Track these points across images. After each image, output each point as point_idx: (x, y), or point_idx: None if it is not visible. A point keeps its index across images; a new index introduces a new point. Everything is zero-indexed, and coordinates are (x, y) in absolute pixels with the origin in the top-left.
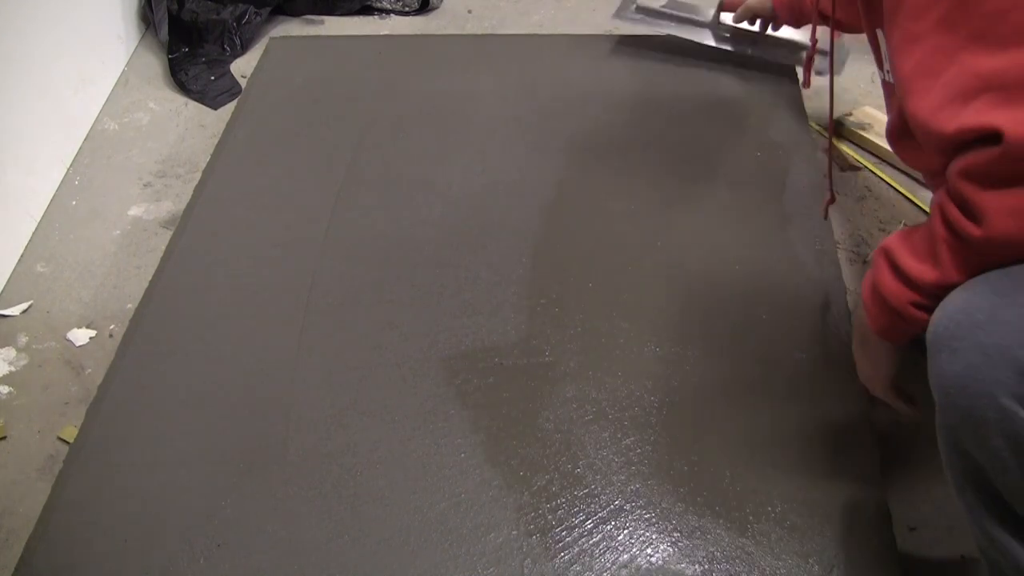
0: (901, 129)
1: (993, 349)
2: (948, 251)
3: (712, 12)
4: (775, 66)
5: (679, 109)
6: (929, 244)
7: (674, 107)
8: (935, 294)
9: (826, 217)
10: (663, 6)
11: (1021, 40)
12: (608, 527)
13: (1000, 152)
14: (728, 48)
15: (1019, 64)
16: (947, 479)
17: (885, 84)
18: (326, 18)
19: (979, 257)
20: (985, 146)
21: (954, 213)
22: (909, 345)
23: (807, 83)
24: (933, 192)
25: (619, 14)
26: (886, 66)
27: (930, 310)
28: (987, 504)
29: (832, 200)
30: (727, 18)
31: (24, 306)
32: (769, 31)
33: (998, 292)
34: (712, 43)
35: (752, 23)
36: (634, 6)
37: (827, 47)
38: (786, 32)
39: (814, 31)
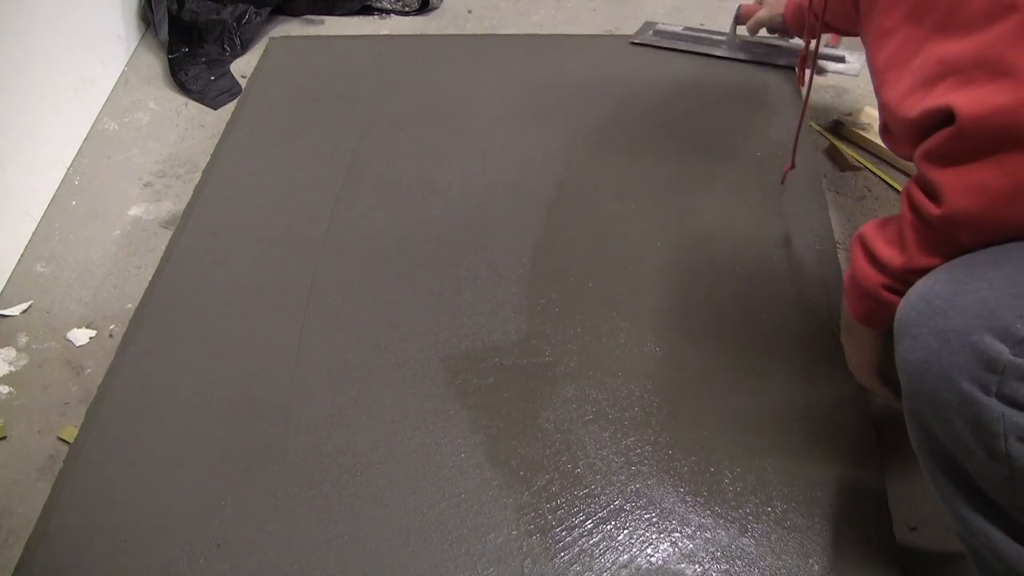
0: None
1: (952, 335)
2: (913, 233)
3: (729, 26)
4: (775, 66)
5: (679, 109)
6: (898, 229)
7: (674, 107)
8: (905, 279)
9: (783, 182)
10: (681, 30)
11: (977, 25)
12: (608, 527)
13: (954, 130)
14: (743, 58)
15: (974, 47)
16: (921, 466)
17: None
18: (326, 18)
19: (941, 238)
20: (944, 127)
21: (917, 195)
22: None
23: (800, 81)
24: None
25: (638, 37)
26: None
27: (903, 294)
28: (959, 489)
29: (791, 166)
30: (741, 31)
31: (24, 306)
32: (784, 41)
33: (957, 279)
34: (727, 55)
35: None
36: (651, 31)
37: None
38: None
39: (807, 35)
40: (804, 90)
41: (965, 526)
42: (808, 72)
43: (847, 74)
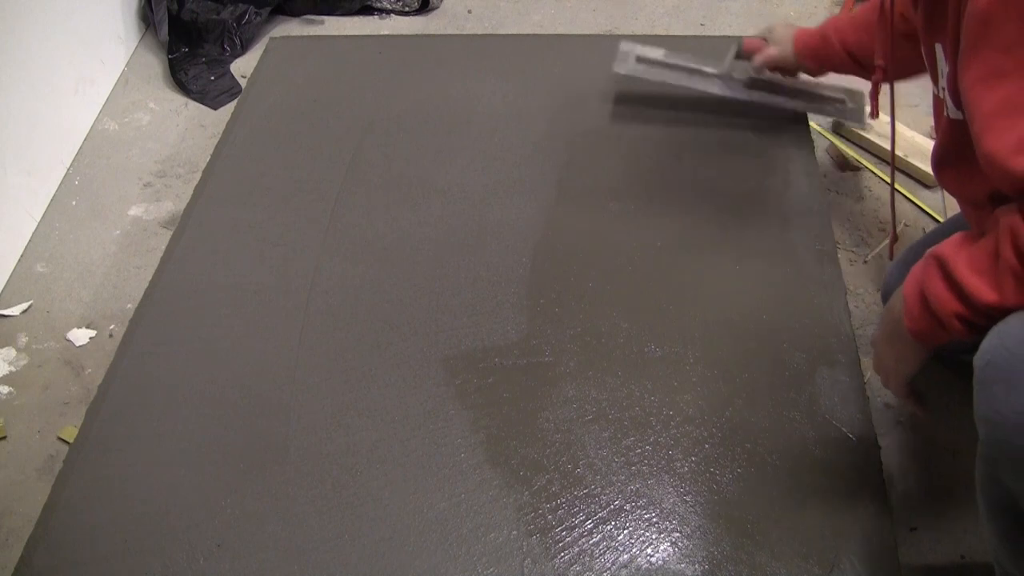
0: (951, 155)
1: None
2: (1012, 278)
3: (727, 60)
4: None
5: (679, 109)
6: (992, 264)
7: (673, 107)
8: (987, 314)
9: (891, 257)
10: (664, 56)
11: None
12: (608, 527)
13: None
14: (742, 98)
15: None
16: (979, 506)
17: (936, 99)
18: (326, 18)
19: None
20: None
21: None
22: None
23: (875, 113)
24: (971, 222)
25: (619, 66)
26: (941, 82)
27: (974, 327)
28: (1020, 536)
29: (895, 239)
30: (739, 65)
31: (24, 306)
32: (784, 79)
33: None
34: (726, 93)
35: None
36: (634, 57)
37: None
38: (806, 79)
39: (879, 57)
40: (889, 144)
41: (1016, 562)
42: (882, 113)
43: (851, 123)
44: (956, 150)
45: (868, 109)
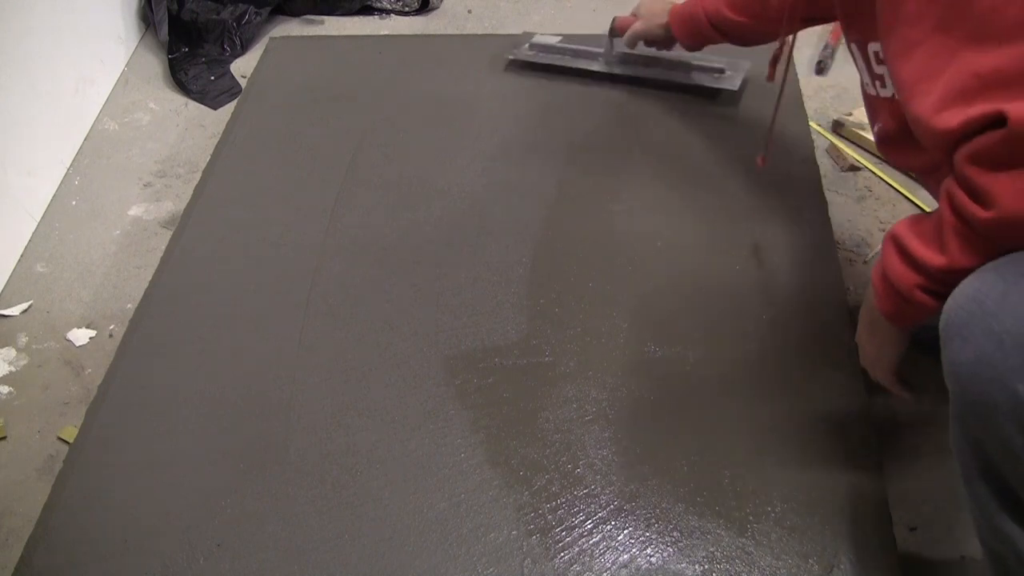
0: (894, 133)
1: (1005, 336)
2: (955, 236)
3: (606, 40)
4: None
5: (679, 109)
6: (937, 229)
7: (673, 107)
8: (942, 279)
9: (758, 170)
10: (558, 42)
11: (1016, 35)
12: (608, 527)
13: (1005, 134)
14: (619, 73)
15: (1016, 58)
16: (957, 470)
17: (867, 96)
18: (326, 18)
19: (986, 241)
20: (991, 130)
21: (961, 198)
22: (911, 341)
23: (771, 77)
24: (928, 188)
25: (514, 52)
26: (865, 78)
27: (937, 295)
28: (997, 495)
29: (764, 160)
30: (619, 45)
31: (24, 306)
32: (662, 52)
33: (1007, 279)
34: (604, 70)
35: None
36: (527, 44)
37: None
38: (681, 52)
39: (785, 29)
40: (778, 88)
41: (994, 532)
42: (782, 69)
43: (727, 88)
44: (895, 129)
45: (743, 76)
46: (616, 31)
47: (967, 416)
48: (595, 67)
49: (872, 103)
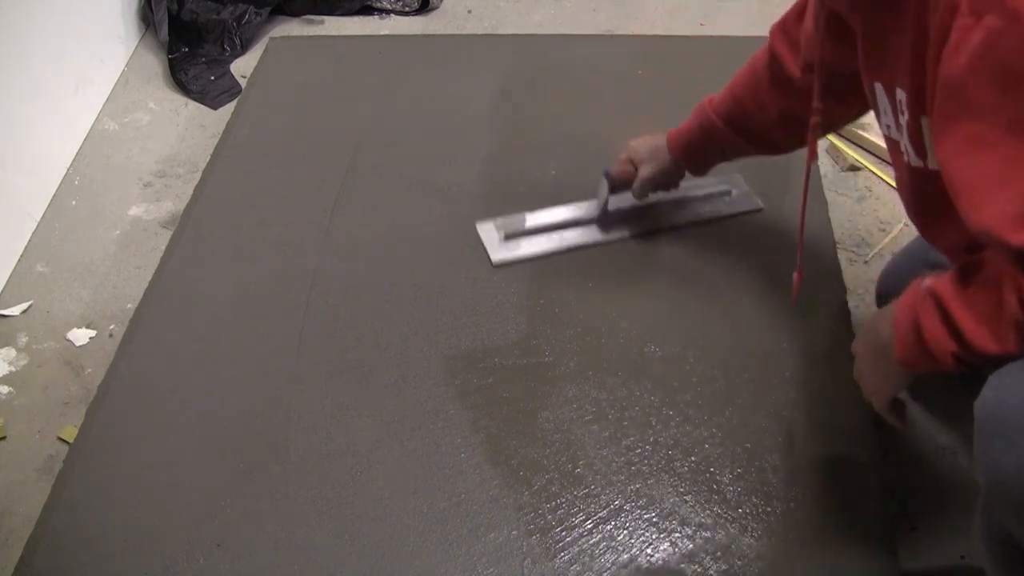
0: (920, 205)
1: None
2: (1016, 333)
3: (600, 200)
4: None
5: (679, 110)
6: (994, 313)
7: (674, 107)
8: (985, 359)
9: (795, 303)
10: (529, 222)
11: None
12: (608, 527)
13: None
14: (627, 235)
15: None
16: (978, 546)
17: (890, 141)
18: (326, 18)
19: None
20: None
21: None
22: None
23: (813, 157)
24: (952, 262)
25: (495, 253)
26: (885, 120)
27: (969, 365)
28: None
29: (800, 273)
30: (618, 201)
31: (24, 306)
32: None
33: None
34: (609, 237)
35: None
36: (502, 234)
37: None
38: (693, 181)
39: (816, 95)
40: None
41: None
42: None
43: (749, 211)
44: (924, 199)
45: (751, 194)
46: (615, 186)
47: (1002, 511)
48: (594, 238)
49: (896, 156)
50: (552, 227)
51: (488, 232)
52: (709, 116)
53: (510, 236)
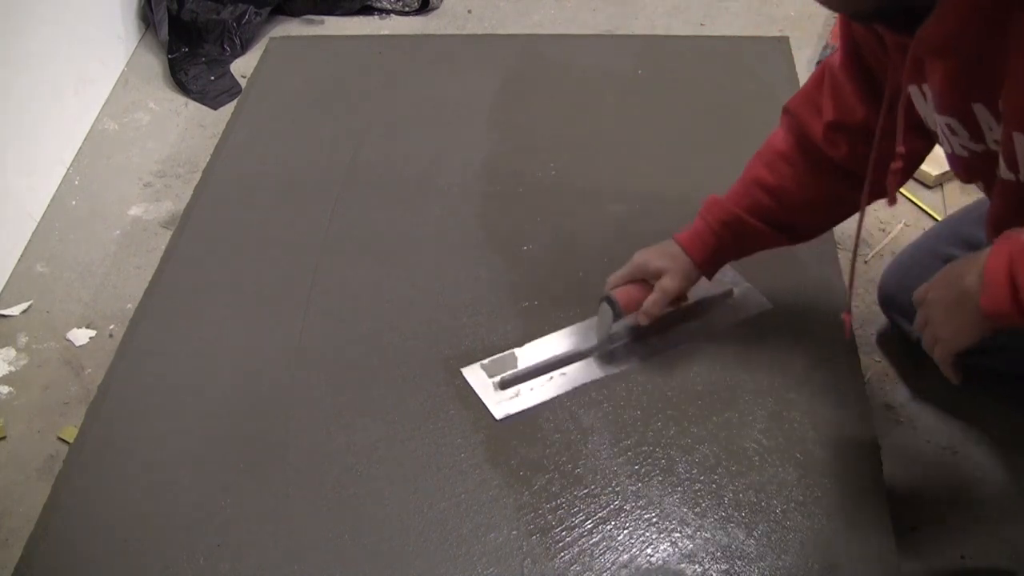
0: (1013, 220)
1: None
2: None
3: (604, 328)
4: (772, 63)
5: (679, 109)
6: None
7: (674, 107)
8: None
9: (847, 335)
10: (521, 362)
11: None
12: (608, 527)
13: None
14: (632, 367)
15: None
16: None
17: (965, 159)
18: (326, 18)
19: None
20: None
21: None
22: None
23: (893, 200)
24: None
25: (496, 409)
26: (965, 143)
27: None
28: None
29: (849, 313)
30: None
31: (24, 306)
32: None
33: None
34: (611, 372)
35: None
36: (495, 382)
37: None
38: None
39: (900, 145)
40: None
41: None
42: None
43: (766, 309)
44: (1019, 211)
45: (755, 292)
46: (622, 311)
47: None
48: (597, 375)
49: (985, 167)
50: (548, 367)
51: (479, 380)
52: (740, 217)
53: (506, 384)
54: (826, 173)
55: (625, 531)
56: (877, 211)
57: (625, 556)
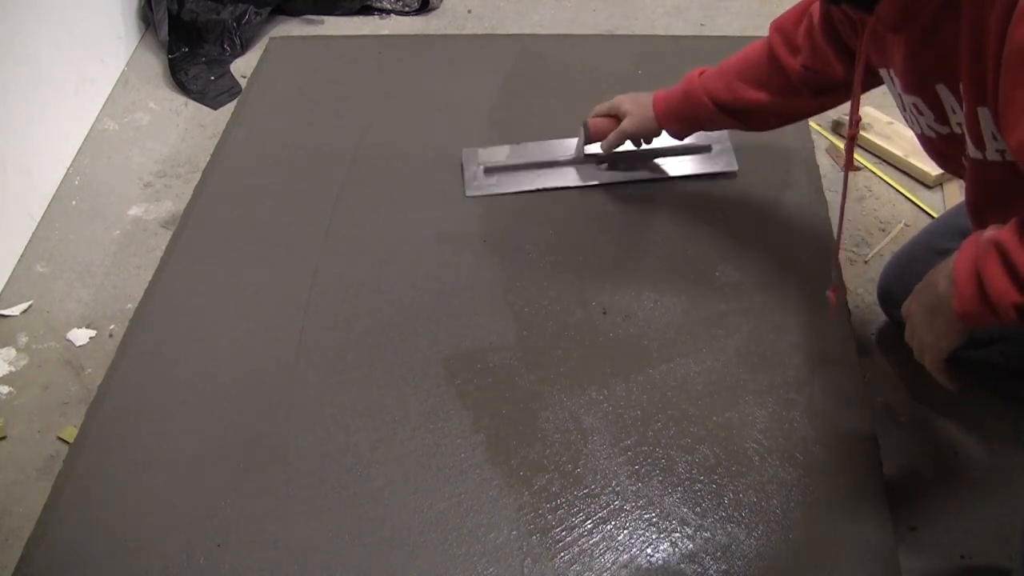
0: (985, 199)
1: None
2: None
3: (577, 146)
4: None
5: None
6: None
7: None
8: None
9: (831, 314)
10: (508, 157)
11: None
12: (608, 527)
13: None
14: (603, 181)
15: None
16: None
17: (933, 139)
18: (326, 18)
19: None
20: None
21: None
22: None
23: (850, 166)
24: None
25: (469, 187)
26: (955, 119)
27: None
28: None
29: (835, 292)
30: (593, 149)
31: (24, 306)
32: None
33: None
34: (582, 183)
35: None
36: (480, 169)
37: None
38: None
39: (854, 112)
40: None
41: None
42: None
43: (726, 172)
44: (992, 191)
45: (730, 152)
46: (591, 137)
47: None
48: (570, 181)
49: (956, 149)
50: (528, 166)
51: (469, 160)
52: (698, 93)
53: (489, 170)
54: (790, 94)
55: (625, 531)
56: (877, 211)
57: (625, 556)
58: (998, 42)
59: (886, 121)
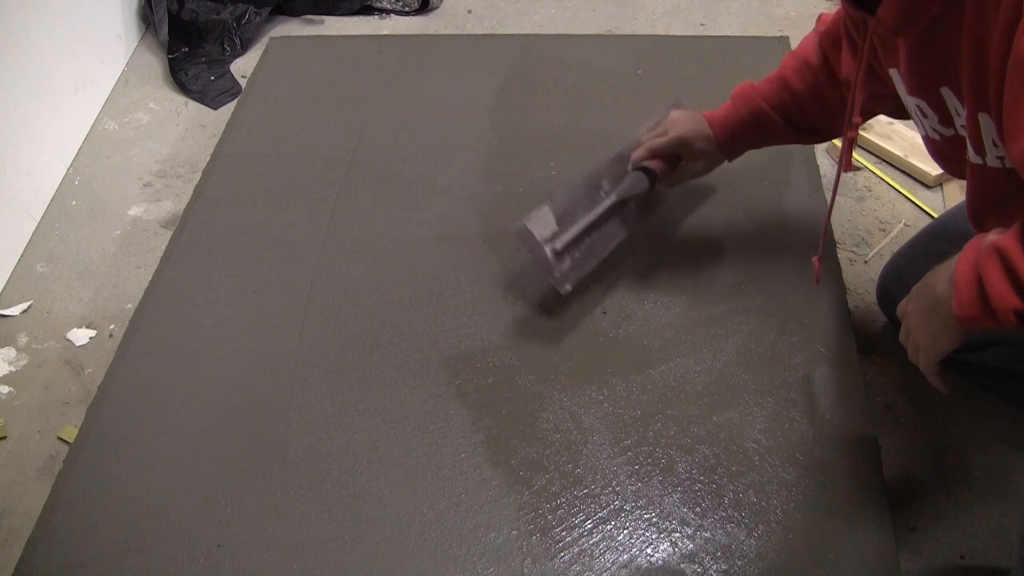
0: (987, 204)
1: None
2: None
3: (602, 186)
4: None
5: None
6: None
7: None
8: None
9: (816, 281)
10: (559, 224)
11: None
12: (608, 527)
13: None
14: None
15: None
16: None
17: (936, 141)
18: (326, 18)
19: None
20: None
21: None
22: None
23: (848, 167)
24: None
25: (562, 287)
26: (958, 121)
27: None
28: None
29: (820, 258)
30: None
31: (24, 306)
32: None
33: None
34: (629, 229)
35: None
36: (549, 249)
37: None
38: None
39: (855, 115)
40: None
41: None
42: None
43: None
44: (991, 196)
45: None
46: (656, 179)
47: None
48: (624, 229)
49: (958, 152)
50: (587, 229)
51: (539, 231)
52: (762, 109)
53: (559, 254)
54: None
55: (625, 531)
56: (877, 211)
57: (625, 556)
58: (1001, 51)
59: (886, 121)
